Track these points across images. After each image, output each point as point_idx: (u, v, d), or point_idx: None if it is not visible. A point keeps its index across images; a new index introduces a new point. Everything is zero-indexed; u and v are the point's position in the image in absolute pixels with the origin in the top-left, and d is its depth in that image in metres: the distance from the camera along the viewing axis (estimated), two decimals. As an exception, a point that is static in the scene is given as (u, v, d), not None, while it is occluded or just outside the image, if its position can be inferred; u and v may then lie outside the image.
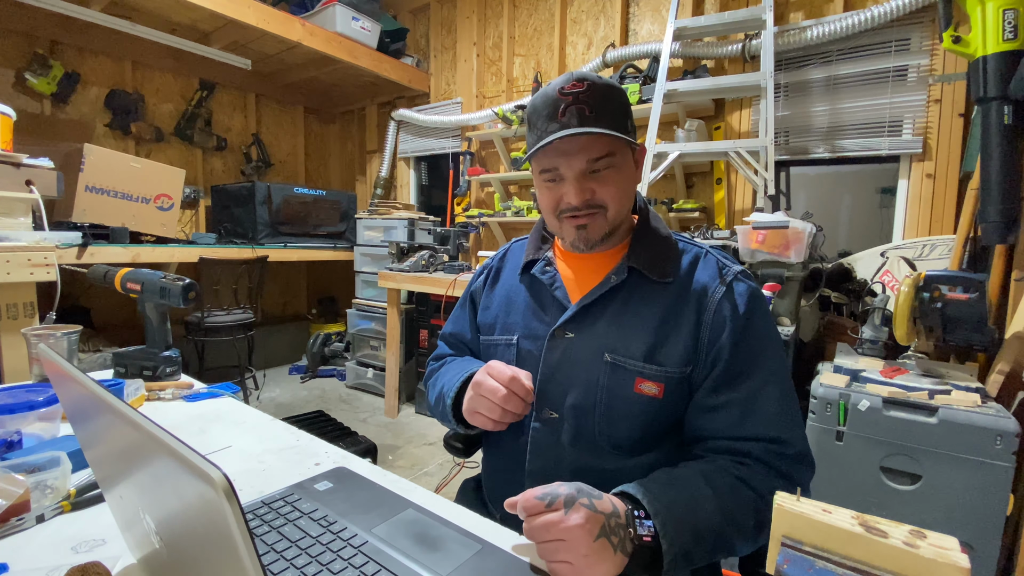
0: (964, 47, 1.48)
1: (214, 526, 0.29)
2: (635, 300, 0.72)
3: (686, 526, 0.57)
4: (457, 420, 0.78)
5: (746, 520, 0.61)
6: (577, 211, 0.71)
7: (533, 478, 0.73)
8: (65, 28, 3.08)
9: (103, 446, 0.46)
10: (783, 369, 0.70)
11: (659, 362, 0.69)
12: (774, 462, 0.66)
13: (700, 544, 0.58)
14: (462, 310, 0.96)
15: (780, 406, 0.67)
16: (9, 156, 1.65)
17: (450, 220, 3.87)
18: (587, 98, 0.67)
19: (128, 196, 2.73)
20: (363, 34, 3.55)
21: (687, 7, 2.68)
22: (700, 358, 0.69)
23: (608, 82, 0.69)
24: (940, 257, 1.97)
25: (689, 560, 0.57)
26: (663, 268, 0.73)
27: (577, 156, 0.68)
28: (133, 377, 1.07)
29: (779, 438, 0.66)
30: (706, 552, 0.58)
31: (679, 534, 0.56)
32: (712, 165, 2.73)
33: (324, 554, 0.54)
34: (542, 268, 0.80)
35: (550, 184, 0.72)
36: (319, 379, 3.90)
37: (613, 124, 0.67)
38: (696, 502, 0.59)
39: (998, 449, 1.15)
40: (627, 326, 0.71)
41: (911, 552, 0.41)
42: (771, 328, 0.72)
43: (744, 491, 0.63)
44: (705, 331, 0.69)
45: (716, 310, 0.69)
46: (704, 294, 0.70)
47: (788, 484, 0.65)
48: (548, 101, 0.69)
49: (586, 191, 0.70)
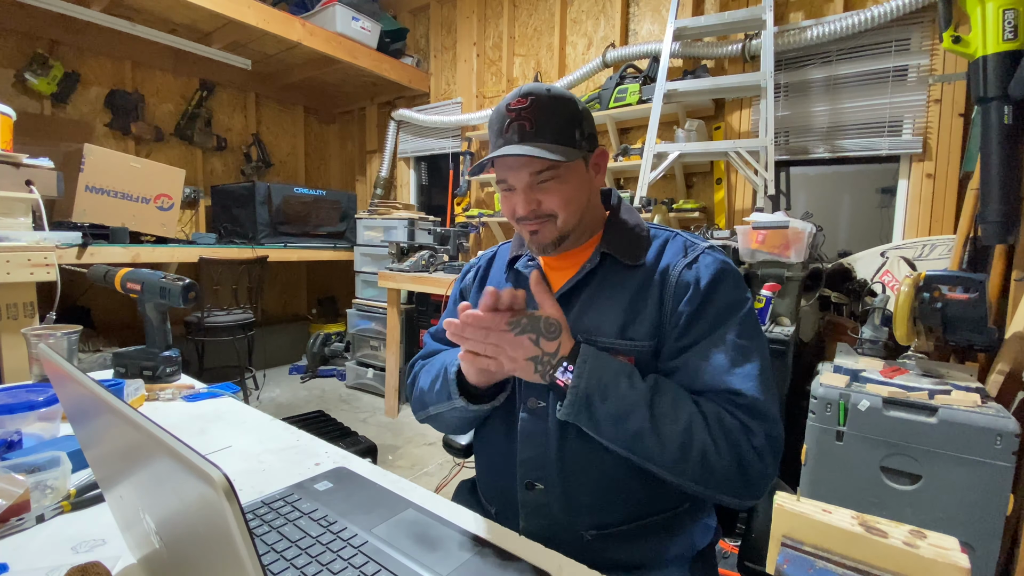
0: (964, 47, 1.48)
1: (214, 526, 0.29)
2: (608, 284, 0.75)
3: (601, 380, 0.65)
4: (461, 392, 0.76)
5: (671, 423, 0.63)
6: (527, 219, 0.74)
7: (525, 467, 0.75)
8: (65, 28, 3.08)
9: (103, 446, 0.46)
10: (744, 332, 0.69)
11: (630, 337, 0.72)
12: (726, 407, 0.66)
13: (605, 402, 0.64)
14: (454, 306, 0.96)
15: (732, 360, 0.67)
16: (9, 156, 1.65)
17: (450, 220, 3.87)
18: (529, 114, 0.70)
19: (128, 196, 2.73)
20: (363, 34, 3.55)
21: (687, 7, 2.68)
22: (665, 330, 0.72)
23: (557, 94, 0.71)
24: (940, 257, 1.97)
25: (589, 404, 0.64)
26: (634, 253, 0.76)
27: (521, 170, 0.72)
28: (133, 377, 1.07)
29: (730, 388, 0.66)
30: (609, 416, 0.64)
31: (591, 378, 0.65)
32: (712, 165, 2.73)
33: (324, 554, 0.54)
34: (525, 263, 0.84)
35: (506, 193, 0.76)
36: (319, 379, 3.90)
37: (555, 137, 0.70)
38: (624, 377, 0.66)
39: (998, 449, 1.15)
40: (600, 308, 0.74)
41: (911, 552, 0.41)
42: (736, 298, 0.71)
43: (686, 406, 0.65)
44: (668, 302, 0.71)
45: (677, 282, 0.72)
46: (668, 270, 0.73)
47: (741, 431, 0.64)
48: (499, 116, 0.73)
49: (532, 201, 0.73)
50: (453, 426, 0.84)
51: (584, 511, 0.72)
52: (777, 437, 0.66)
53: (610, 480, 0.71)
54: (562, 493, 0.72)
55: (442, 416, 0.81)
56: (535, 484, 0.74)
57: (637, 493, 0.72)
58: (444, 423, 0.84)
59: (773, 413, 0.66)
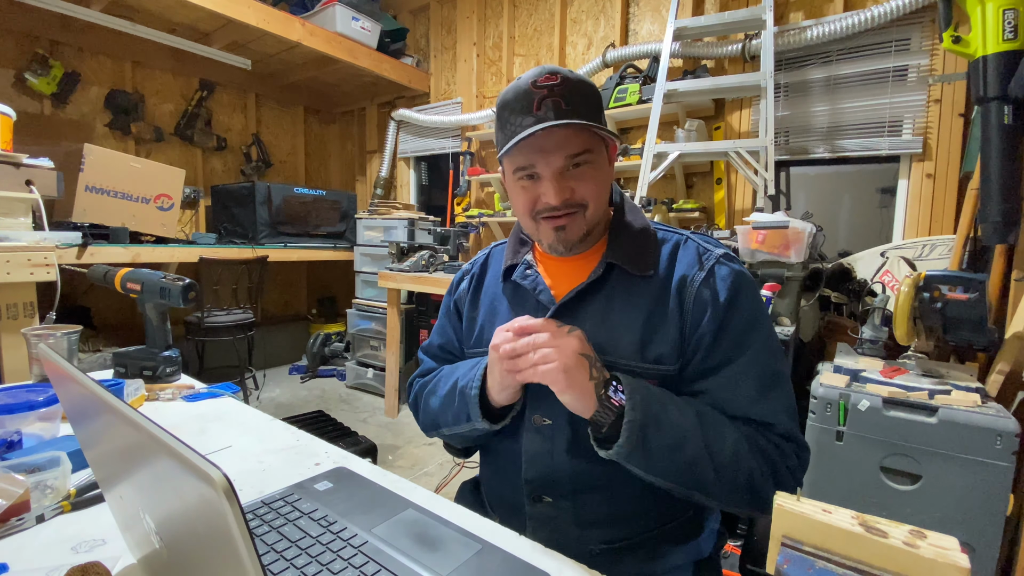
0: (964, 47, 1.48)
1: (214, 526, 0.29)
2: (619, 297, 0.70)
3: (652, 411, 0.60)
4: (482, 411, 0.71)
5: (721, 450, 0.61)
6: (556, 211, 0.67)
7: (531, 486, 0.72)
8: (65, 28, 3.08)
9: (103, 446, 0.46)
10: (767, 352, 0.67)
11: (650, 359, 0.67)
12: (757, 439, 0.65)
13: (660, 432, 0.60)
14: (447, 319, 0.90)
15: (760, 389, 0.66)
16: (9, 156, 1.65)
17: (450, 220, 3.87)
18: (562, 91, 0.63)
19: (128, 196, 2.73)
20: (363, 34, 3.55)
21: (687, 7, 2.68)
22: (686, 350, 0.68)
23: (580, 77, 0.66)
24: (940, 257, 1.97)
25: (644, 438, 0.59)
26: (643, 261, 0.70)
27: (555, 153, 0.65)
28: (133, 377, 1.07)
29: (763, 421, 0.66)
30: (664, 447, 0.60)
31: (645, 410, 0.60)
32: (712, 165, 2.73)
33: (324, 554, 0.54)
34: (523, 273, 0.77)
35: (526, 183, 0.68)
36: (319, 379, 3.90)
37: (589, 118, 0.64)
38: (671, 404, 0.62)
39: (998, 449, 1.15)
40: (614, 324, 0.69)
41: (911, 552, 0.41)
42: (756, 311, 0.68)
43: (730, 431, 0.63)
44: (687, 319, 0.67)
45: (696, 297, 0.67)
46: (684, 283, 0.68)
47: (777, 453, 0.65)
48: (521, 94, 0.65)
49: (565, 190, 0.66)
50: (468, 441, 0.82)
51: (595, 526, 0.70)
52: (807, 458, 0.68)
53: (622, 496, 0.69)
54: (572, 509, 0.70)
55: (457, 435, 0.79)
56: (543, 497, 0.71)
57: (649, 506, 0.70)
58: (456, 441, 0.83)
59: (804, 442, 0.69)
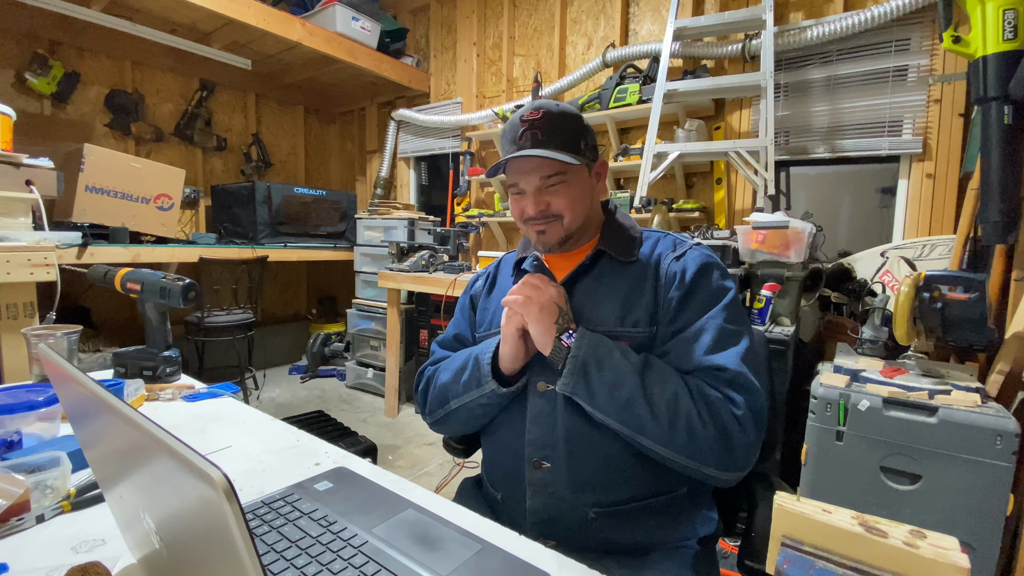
0: (964, 47, 1.48)
1: (214, 526, 0.29)
2: (606, 278, 0.84)
3: (597, 353, 0.73)
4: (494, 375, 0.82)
5: (660, 392, 0.71)
6: (535, 220, 0.83)
7: (533, 446, 0.80)
8: (65, 28, 3.07)
9: (103, 446, 0.46)
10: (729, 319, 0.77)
11: (628, 324, 0.79)
12: (709, 382, 0.73)
13: (601, 372, 0.72)
14: (462, 314, 1.02)
15: (717, 341, 0.75)
16: (9, 156, 1.65)
17: (450, 220, 3.87)
18: (540, 124, 0.80)
19: (128, 196, 2.73)
20: (363, 34, 3.55)
21: (687, 7, 2.68)
22: (659, 317, 0.80)
23: (565, 111, 0.82)
24: (940, 257, 1.97)
25: (586, 374, 0.73)
26: (628, 251, 0.85)
27: (532, 174, 0.81)
28: (133, 377, 1.07)
29: (714, 364, 0.73)
30: (604, 384, 0.72)
31: (589, 351, 0.74)
32: (712, 165, 2.73)
33: (324, 554, 0.54)
34: (531, 263, 0.91)
35: (516, 196, 0.86)
36: (319, 379, 3.90)
37: (563, 145, 0.79)
38: (618, 351, 0.74)
39: (998, 449, 1.15)
40: (600, 297, 0.82)
41: (911, 552, 0.41)
42: (721, 287, 0.80)
43: (673, 377, 0.72)
44: (661, 292, 0.80)
45: (667, 271, 0.81)
46: (659, 262, 0.83)
47: (723, 402, 0.71)
48: (513, 127, 0.82)
49: (541, 203, 0.82)
50: (472, 419, 0.88)
51: (587, 488, 0.77)
52: (759, 408, 0.71)
53: (611, 458, 0.77)
54: (567, 471, 0.78)
55: (464, 408, 0.86)
56: (542, 463, 0.79)
57: (637, 472, 0.77)
58: (460, 419, 0.88)
59: (755, 385, 0.72)
